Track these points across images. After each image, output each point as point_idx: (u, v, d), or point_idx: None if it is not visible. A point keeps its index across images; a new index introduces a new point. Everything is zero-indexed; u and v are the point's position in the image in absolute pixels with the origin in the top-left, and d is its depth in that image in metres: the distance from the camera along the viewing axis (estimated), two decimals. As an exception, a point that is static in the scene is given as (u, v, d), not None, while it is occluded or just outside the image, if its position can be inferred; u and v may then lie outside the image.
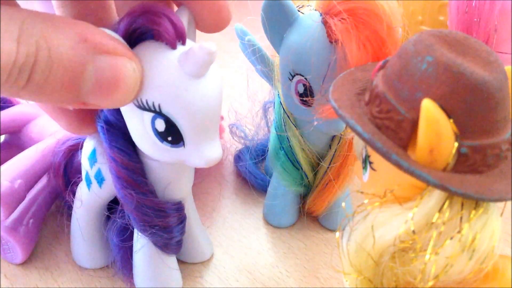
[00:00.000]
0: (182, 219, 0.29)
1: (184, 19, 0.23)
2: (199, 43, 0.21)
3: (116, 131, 0.26)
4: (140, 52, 0.22)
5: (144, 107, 0.22)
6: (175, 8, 0.24)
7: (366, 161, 0.22)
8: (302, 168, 0.35)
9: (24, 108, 0.39)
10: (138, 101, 0.22)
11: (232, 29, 0.35)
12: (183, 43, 0.22)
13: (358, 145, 0.23)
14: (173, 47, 0.22)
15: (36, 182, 0.35)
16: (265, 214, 0.39)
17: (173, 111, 0.22)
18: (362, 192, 0.22)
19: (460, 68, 0.18)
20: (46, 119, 0.39)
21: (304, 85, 0.29)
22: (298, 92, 0.29)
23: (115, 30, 0.22)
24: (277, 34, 0.29)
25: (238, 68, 0.58)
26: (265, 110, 0.41)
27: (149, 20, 0.21)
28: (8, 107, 0.39)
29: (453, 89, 0.18)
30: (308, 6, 0.30)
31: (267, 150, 0.36)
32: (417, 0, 0.49)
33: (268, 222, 0.38)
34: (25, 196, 0.33)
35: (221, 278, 0.34)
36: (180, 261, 0.34)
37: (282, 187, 0.36)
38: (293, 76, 0.29)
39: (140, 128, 0.23)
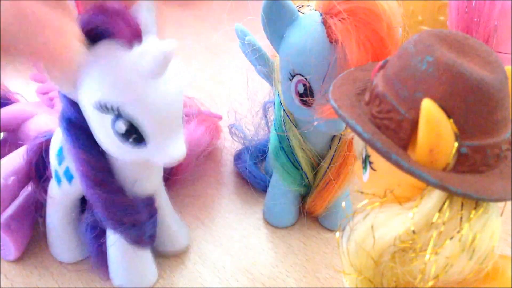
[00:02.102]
0: (152, 214, 0.29)
1: (143, 11, 0.22)
2: (156, 42, 0.21)
3: (79, 131, 0.25)
4: (98, 52, 0.21)
5: (104, 110, 0.22)
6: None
7: (366, 161, 0.22)
8: (302, 168, 0.35)
9: (21, 106, 0.39)
10: (97, 104, 0.22)
11: (232, 29, 0.36)
12: (140, 42, 0.22)
13: (358, 145, 0.23)
14: (130, 47, 0.21)
15: (30, 179, 0.34)
16: (265, 214, 0.39)
17: (132, 112, 0.22)
18: (362, 192, 0.22)
19: (460, 68, 0.18)
20: (43, 117, 0.38)
21: (304, 85, 0.29)
22: (298, 92, 0.29)
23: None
24: (277, 34, 0.29)
25: (238, 68, 0.58)
26: (265, 110, 0.41)
27: (103, 20, 0.21)
28: (5, 105, 0.39)
29: (453, 89, 0.18)
30: (308, 6, 0.30)
31: (267, 150, 0.36)
32: (417, 0, 0.49)
33: (268, 222, 0.38)
34: (19, 193, 0.33)
35: (221, 278, 0.34)
36: (180, 261, 0.34)
37: (282, 187, 0.36)
38: (293, 76, 0.29)
39: (102, 130, 0.23)
